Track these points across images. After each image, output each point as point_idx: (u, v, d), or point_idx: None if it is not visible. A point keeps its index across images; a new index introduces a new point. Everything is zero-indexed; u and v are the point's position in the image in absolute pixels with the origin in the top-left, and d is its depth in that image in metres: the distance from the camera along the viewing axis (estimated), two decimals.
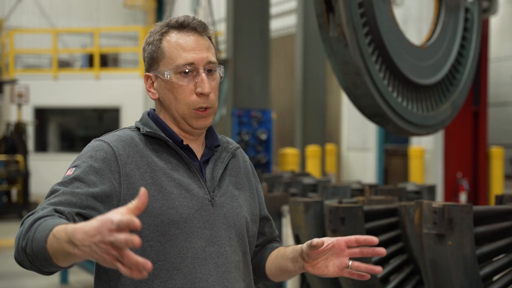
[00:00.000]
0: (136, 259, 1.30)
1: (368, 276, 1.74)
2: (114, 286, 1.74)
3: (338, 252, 1.75)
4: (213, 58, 1.82)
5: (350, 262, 1.75)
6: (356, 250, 1.74)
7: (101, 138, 1.82)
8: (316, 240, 1.71)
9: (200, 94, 1.79)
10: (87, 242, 1.33)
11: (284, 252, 1.89)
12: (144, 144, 1.80)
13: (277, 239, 2.05)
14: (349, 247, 1.75)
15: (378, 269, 1.73)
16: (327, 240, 1.75)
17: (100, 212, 1.65)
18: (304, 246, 1.78)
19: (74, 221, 1.59)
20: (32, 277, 7.64)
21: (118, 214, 1.31)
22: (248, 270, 1.88)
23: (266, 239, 2.02)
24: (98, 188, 1.69)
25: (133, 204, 1.34)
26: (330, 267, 1.76)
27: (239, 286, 1.82)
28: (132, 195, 1.72)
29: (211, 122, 1.85)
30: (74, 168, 1.73)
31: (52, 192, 1.67)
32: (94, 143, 1.80)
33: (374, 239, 1.71)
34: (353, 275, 1.75)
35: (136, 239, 1.28)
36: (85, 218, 1.63)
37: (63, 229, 1.43)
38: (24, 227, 1.54)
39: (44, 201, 1.66)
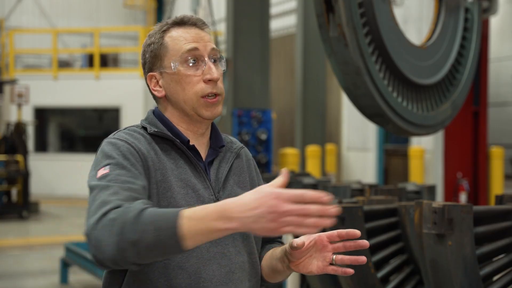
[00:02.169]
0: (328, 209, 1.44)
1: (352, 271, 1.73)
2: (120, 283, 1.75)
3: (321, 248, 1.75)
4: (215, 47, 1.85)
5: (334, 257, 1.74)
6: (339, 244, 1.74)
7: (114, 136, 1.79)
8: (296, 241, 1.70)
9: (209, 81, 1.81)
10: (249, 213, 1.44)
11: (275, 252, 1.88)
12: (153, 143, 1.81)
13: (278, 240, 2.04)
14: (331, 242, 1.75)
15: (362, 258, 1.72)
16: (309, 238, 1.75)
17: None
18: (287, 246, 1.77)
19: None
20: (32, 277, 7.64)
21: (278, 188, 1.44)
22: (255, 270, 1.87)
23: (266, 239, 2.02)
24: (144, 180, 1.69)
25: (280, 180, 1.47)
26: (314, 264, 1.76)
27: (244, 286, 1.81)
28: (149, 189, 1.72)
29: (221, 111, 1.86)
30: (108, 166, 1.68)
31: (102, 188, 1.61)
32: (111, 141, 1.76)
33: (357, 232, 1.69)
34: (337, 271, 1.74)
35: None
36: None
37: (200, 210, 1.48)
38: (126, 222, 1.48)
39: (101, 197, 1.58)
